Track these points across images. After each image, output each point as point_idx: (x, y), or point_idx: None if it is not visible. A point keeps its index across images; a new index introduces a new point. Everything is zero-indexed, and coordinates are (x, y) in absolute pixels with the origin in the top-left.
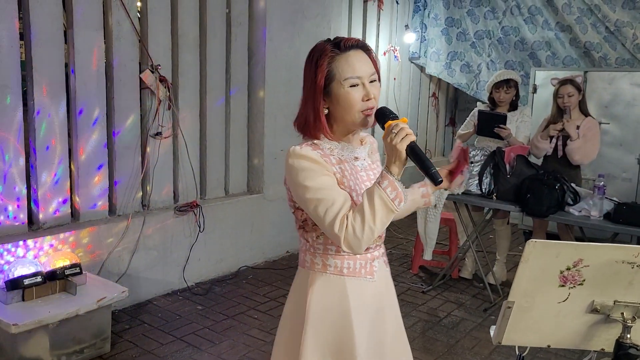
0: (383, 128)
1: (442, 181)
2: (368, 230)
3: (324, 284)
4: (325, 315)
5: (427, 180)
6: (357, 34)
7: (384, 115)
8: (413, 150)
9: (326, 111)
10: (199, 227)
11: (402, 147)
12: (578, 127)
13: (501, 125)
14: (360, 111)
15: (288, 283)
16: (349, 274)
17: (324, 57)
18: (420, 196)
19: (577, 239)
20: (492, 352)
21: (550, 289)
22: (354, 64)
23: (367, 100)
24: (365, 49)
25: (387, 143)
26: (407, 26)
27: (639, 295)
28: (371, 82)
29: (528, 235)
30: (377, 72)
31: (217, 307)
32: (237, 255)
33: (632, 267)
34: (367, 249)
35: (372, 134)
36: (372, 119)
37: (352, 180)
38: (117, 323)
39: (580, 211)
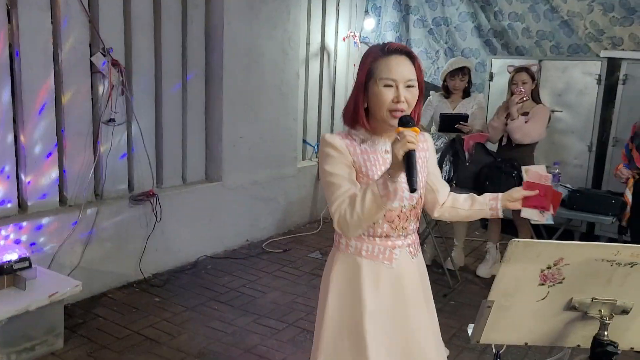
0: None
1: (415, 190)
2: (356, 217)
3: (344, 262)
4: (342, 290)
5: (497, 196)
6: (316, 20)
7: (400, 123)
8: (408, 158)
9: (366, 105)
10: (156, 217)
11: (399, 153)
12: (527, 114)
13: (462, 123)
14: (388, 110)
15: (249, 272)
16: (367, 257)
17: (369, 57)
18: (488, 208)
19: (532, 225)
20: (452, 337)
21: (530, 287)
22: (391, 67)
23: (397, 102)
24: (410, 56)
25: (392, 147)
26: (367, 11)
27: (617, 293)
28: (407, 87)
29: (484, 220)
30: (419, 79)
31: (176, 298)
32: (195, 245)
33: (611, 265)
34: (388, 237)
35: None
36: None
37: (372, 170)
38: (70, 318)
39: None
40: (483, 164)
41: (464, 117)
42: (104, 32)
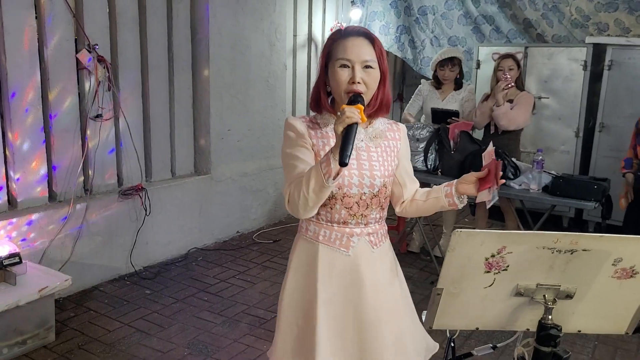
0: None
1: (346, 164)
2: (302, 197)
3: (303, 245)
4: (299, 273)
5: (452, 185)
6: (303, 11)
7: (349, 101)
8: (344, 132)
9: (329, 88)
10: (145, 211)
11: (338, 130)
12: (512, 101)
13: (454, 118)
14: (345, 91)
15: (239, 263)
16: (323, 242)
17: (329, 41)
18: (444, 195)
19: (518, 211)
20: None
21: (477, 275)
22: (347, 48)
23: (352, 83)
24: (369, 37)
25: (334, 124)
26: (353, 2)
27: (560, 279)
28: (365, 67)
29: (473, 207)
30: (380, 60)
31: (166, 290)
32: (185, 238)
33: (552, 252)
34: (346, 223)
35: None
36: None
37: None
38: (61, 311)
39: (520, 185)
40: (468, 152)
41: (455, 114)
42: (89, 29)
